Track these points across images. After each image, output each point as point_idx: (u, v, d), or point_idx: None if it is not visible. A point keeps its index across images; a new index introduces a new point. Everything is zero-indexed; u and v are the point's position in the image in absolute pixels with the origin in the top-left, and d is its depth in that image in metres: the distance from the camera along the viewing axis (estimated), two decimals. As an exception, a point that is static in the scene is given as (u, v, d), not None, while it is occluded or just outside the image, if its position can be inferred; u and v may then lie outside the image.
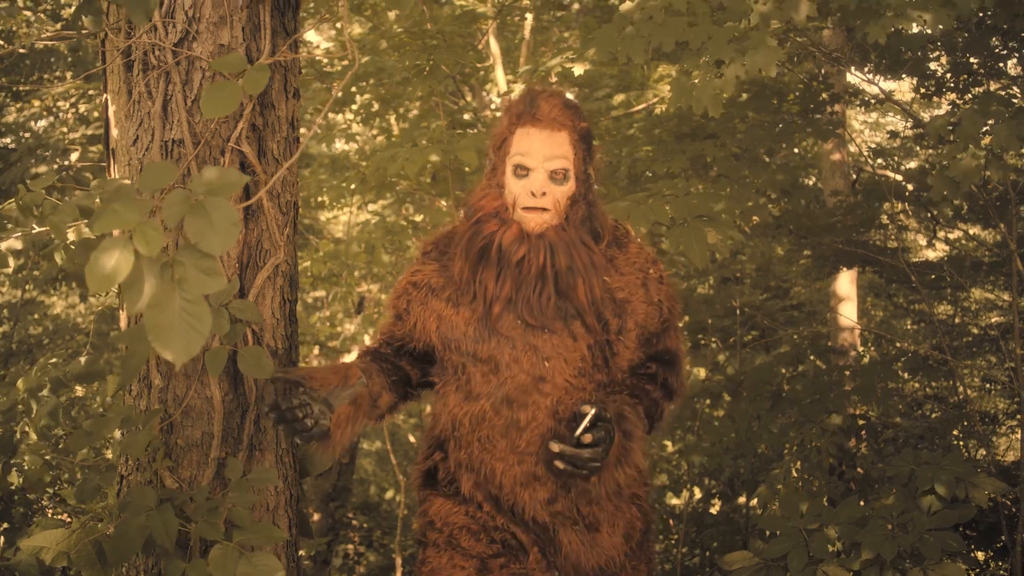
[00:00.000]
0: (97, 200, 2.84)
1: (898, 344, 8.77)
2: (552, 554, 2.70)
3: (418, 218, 9.96)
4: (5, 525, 4.91)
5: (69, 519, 3.63)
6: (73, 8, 8.55)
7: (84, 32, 3.43)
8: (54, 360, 4.34)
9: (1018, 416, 7.81)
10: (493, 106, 9.54)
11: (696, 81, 4.45)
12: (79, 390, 5.13)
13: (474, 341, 2.68)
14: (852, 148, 9.73)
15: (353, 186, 8.58)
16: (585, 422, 2.55)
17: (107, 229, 2.05)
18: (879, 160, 9.72)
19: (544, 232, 2.67)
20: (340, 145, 12.35)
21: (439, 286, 2.77)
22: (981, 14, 5.55)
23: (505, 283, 2.64)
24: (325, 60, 8.88)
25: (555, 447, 2.54)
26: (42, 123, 10.06)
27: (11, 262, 3.26)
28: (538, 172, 2.66)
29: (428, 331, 2.76)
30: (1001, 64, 6.16)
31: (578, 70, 7.72)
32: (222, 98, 2.60)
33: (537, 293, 2.63)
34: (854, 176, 9.43)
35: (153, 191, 2.17)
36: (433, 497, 2.83)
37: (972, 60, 6.04)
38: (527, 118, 2.69)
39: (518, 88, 8.29)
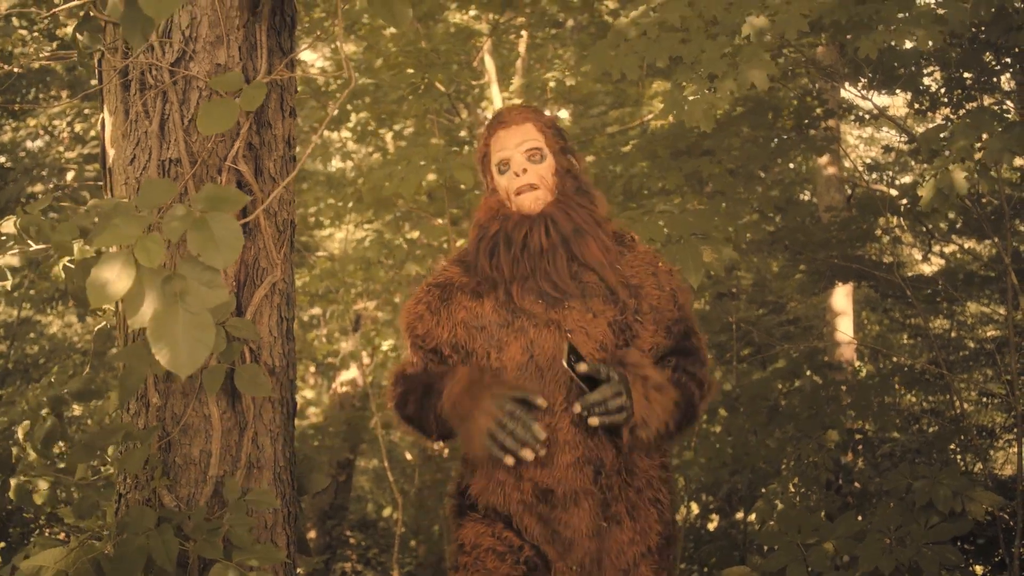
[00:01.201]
0: (96, 220, 2.85)
1: (894, 358, 8.78)
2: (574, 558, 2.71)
3: (414, 235, 9.97)
4: (2, 544, 4.89)
5: (66, 538, 3.63)
6: (69, 28, 8.57)
7: (86, 49, 3.45)
8: (55, 375, 4.34)
9: (1015, 430, 7.82)
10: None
11: (688, 95, 4.47)
12: (77, 409, 5.13)
13: (499, 326, 2.76)
14: (847, 163, 9.76)
15: (351, 204, 8.59)
16: (565, 354, 2.57)
17: (107, 244, 2.06)
18: (874, 175, 9.74)
19: (542, 209, 2.84)
20: (336, 163, 12.37)
21: (462, 283, 2.86)
22: (974, 29, 5.58)
23: (520, 264, 2.77)
24: (321, 79, 8.91)
25: (576, 407, 2.61)
26: (38, 143, 10.07)
27: (8, 275, 3.26)
28: (515, 157, 2.88)
29: (455, 323, 2.81)
30: (995, 79, 6.18)
31: (570, 81, 7.73)
32: (219, 115, 2.62)
33: (552, 263, 2.76)
34: (849, 191, 9.45)
35: (152, 208, 2.18)
36: (464, 522, 2.85)
37: (966, 75, 6.06)
38: (495, 126, 2.94)
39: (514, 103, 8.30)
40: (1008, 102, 6.28)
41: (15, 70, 7.74)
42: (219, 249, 2.04)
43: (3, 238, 3.36)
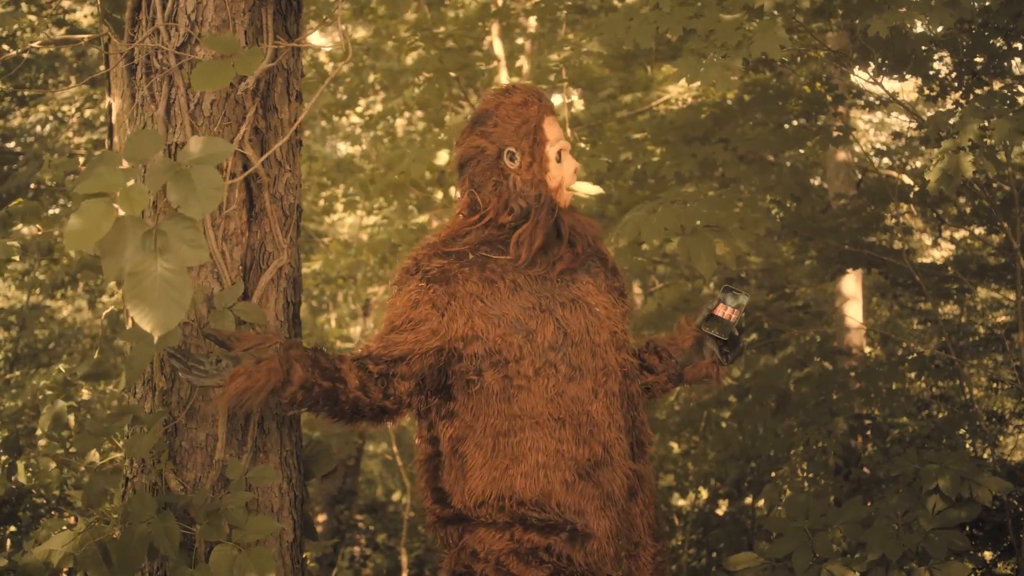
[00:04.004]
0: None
1: (904, 344, 8.76)
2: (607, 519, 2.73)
3: (422, 219, 9.97)
4: (12, 528, 4.91)
5: (75, 521, 3.64)
6: (77, 14, 8.58)
7: (91, 36, 3.44)
8: (67, 363, 4.36)
9: (1024, 415, 7.79)
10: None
11: (704, 60, 4.40)
12: (86, 393, 5.15)
13: (523, 309, 2.75)
14: (857, 148, 9.72)
15: (360, 191, 8.59)
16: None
17: (91, 191, 2.03)
18: (884, 160, 9.69)
19: (567, 210, 2.95)
20: (344, 148, 12.37)
21: (464, 273, 2.77)
22: (985, 7, 5.53)
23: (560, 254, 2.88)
24: (328, 62, 8.91)
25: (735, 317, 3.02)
26: (47, 127, 10.07)
27: (17, 253, 3.27)
28: (566, 154, 2.94)
29: (470, 313, 2.73)
30: (1005, 63, 6.14)
31: (587, 60, 7.67)
32: (212, 74, 2.61)
33: (563, 252, 2.88)
34: (859, 176, 9.41)
35: (138, 161, 2.15)
36: (473, 528, 2.76)
37: (977, 59, 6.03)
38: (544, 110, 2.93)
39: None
40: (1019, 86, 6.25)
41: (24, 55, 7.75)
42: (199, 200, 2.02)
43: (13, 219, 3.37)
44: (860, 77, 5.76)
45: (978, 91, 5.76)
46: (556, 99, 8.53)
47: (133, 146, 2.17)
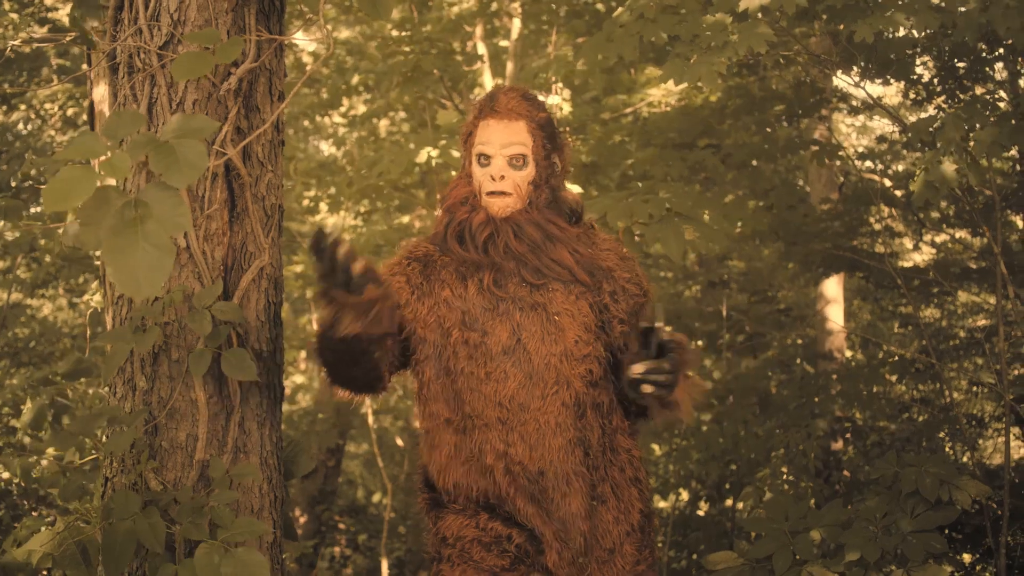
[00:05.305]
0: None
1: (885, 347, 8.79)
2: (567, 534, 2.72)
3: (405, 220, 9.97)
4: (-8, 527, 4.89)
5: (55, 520, 3.63)
6: (61, 11, 8.55)
7: (73, 36, 3.44)
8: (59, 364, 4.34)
9: (1004, 419, 7.82)
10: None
11: (691, 61, 4.41)
12: (68, 393, 5.12)
13: (483, 310, 2.75)
14: (840, 153, 9.74)
15: (342, 191, 8.57)
16: (661, 315, 2.62)
17: (72, 157, 2.02)
18: (867, 163, 9.73)
19: (509, 215, 2.81)
20: (327, 148, 12.35)
21: (444, 261, 2.83)
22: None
23: (489, 256, 2.78)
24: (311, 63, 8.89)
25: (639, 368, 2.58)
26: (29, 126, 10.04)
27: None
28: (497, 159, 2.83)
29: (437, 299, 2.77)
30: (987, 68, 6.17)
31: (579, 66, 7.69)
32: (192, 64, 2.60)
33: (523, 257, 2.78)
34: (841, 179, 9.44)
35: (118, 139, 2.14)
36: (444, 514, 2.83)
37: (960, 64, 6.06)
38: (487, 111, 2.87)
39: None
40: (1001, 91, 6.28)
41: (9, 54, 7.71)
42: (181, 169, 2.00)
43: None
44: (844, 81, 5.78)
45: (961, 95, 5.79)
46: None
47: (113, 124, 2.15)
